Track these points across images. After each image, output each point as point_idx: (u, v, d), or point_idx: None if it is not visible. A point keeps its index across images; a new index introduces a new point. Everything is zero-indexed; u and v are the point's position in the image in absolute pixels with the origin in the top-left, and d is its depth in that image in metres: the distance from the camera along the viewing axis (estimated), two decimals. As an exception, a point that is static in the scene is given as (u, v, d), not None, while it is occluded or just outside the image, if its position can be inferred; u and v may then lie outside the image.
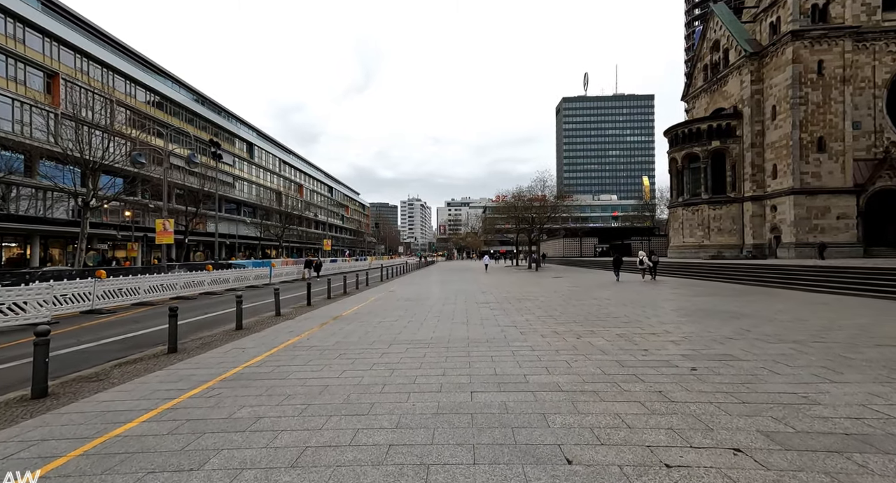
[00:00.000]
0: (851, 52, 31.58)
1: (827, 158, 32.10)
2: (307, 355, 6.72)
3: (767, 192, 35.02)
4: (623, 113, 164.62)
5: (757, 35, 35.72)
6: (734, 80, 37.50)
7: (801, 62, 31.73)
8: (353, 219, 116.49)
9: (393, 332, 8.59)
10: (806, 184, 32.26)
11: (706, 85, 41.80)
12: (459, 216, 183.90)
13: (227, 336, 8.58)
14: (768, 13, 33.86)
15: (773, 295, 14.32)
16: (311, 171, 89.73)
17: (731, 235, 37.61)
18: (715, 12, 39.89)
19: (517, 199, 44.04)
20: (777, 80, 33.46)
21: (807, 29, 31.43)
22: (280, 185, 70.69)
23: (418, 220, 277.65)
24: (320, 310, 12.60)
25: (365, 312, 11.80)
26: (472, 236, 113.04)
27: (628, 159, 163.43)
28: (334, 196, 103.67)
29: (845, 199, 32.01)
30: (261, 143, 67.24)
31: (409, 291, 18.70)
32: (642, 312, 10.74)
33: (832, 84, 31.70)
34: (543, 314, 10.83)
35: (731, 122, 37.01)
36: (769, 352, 6.12)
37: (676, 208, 41.88)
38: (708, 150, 38.13)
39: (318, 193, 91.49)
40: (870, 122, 32.38)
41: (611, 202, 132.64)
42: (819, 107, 31.94)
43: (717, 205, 38.12)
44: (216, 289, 18.72)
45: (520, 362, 5.99)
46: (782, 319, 8.93)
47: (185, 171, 45.47)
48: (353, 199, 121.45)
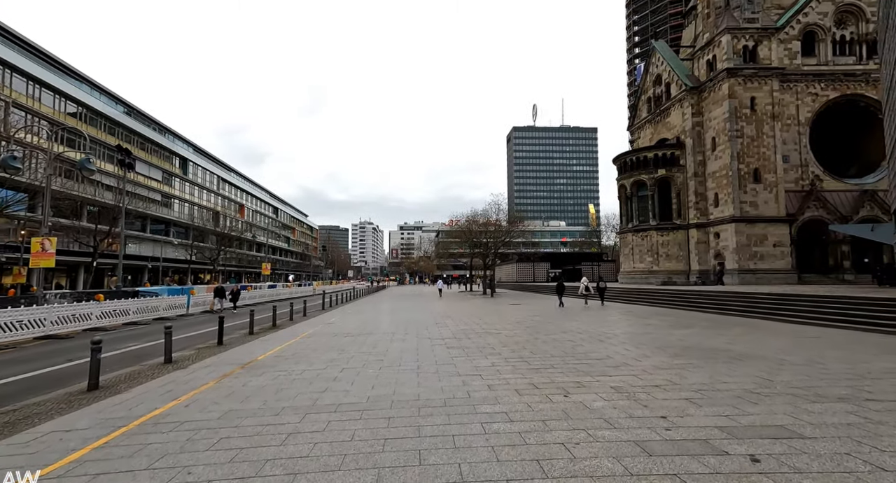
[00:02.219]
0: (779, 91, 33.83)
1: (762, 189, 33.67)
2: (163, 444, 4.31)
3: (710, 220, 36.13)
4: (569, 143, 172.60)
5: (695, 71, 37.73)
6: (676, 112, 39.19)
7: (736, 97, 33.53)
8: (299, 241, 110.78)
9: (316, 389, 6.30)
10: (745, 212, 33.52)
11: (650, 116, 43.54)
12: (412, 240, 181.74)
13: (64, 403, 5.86)
14: (705, 51, 35.87)
15: (749, 326, 13.41)
16: (254, 190, 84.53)
17: (678, 261, 38.34)
18: (656, 49, 42.05)
19: (471, 223, 42.84)
20: (715, 113, 35.14)
21: (740, 67, 33.42)
22: (219, 204, 65.40)
23: (370, 243, 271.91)
24: (232, 352, 9.93)
25: (288, 355, 9.31)
26: (424, 260, 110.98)
27: (575, 187, 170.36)
28: (280, 217, 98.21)
29: (780, 228, 33.52)
30: (198, 159, 62.17)
31: (352, 323, 16.23)
32: (624, 351, 9.15)
33: (764, 119, 33.66)
34: (511, 354, 8.94)
35: (675, 152, 38.37)
36: (827, 420, 4.53)
37: (626, 234, 42.45)
38: (654, 177, 39.17)
39: (261, 214, 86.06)
40: (797, 156, 34.52)
41: (559, 228, 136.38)
42: (753, 140, 33.69)
43: (664, 231, 38.91)
44: (109, 323, 15.19)
45: (496, 449, 3.98)
46: (794, 362, 7.60)
47: (101, 187, 40.25)
48: (300, 221, 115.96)
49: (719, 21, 34.27)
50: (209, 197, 63.97)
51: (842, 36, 34.86)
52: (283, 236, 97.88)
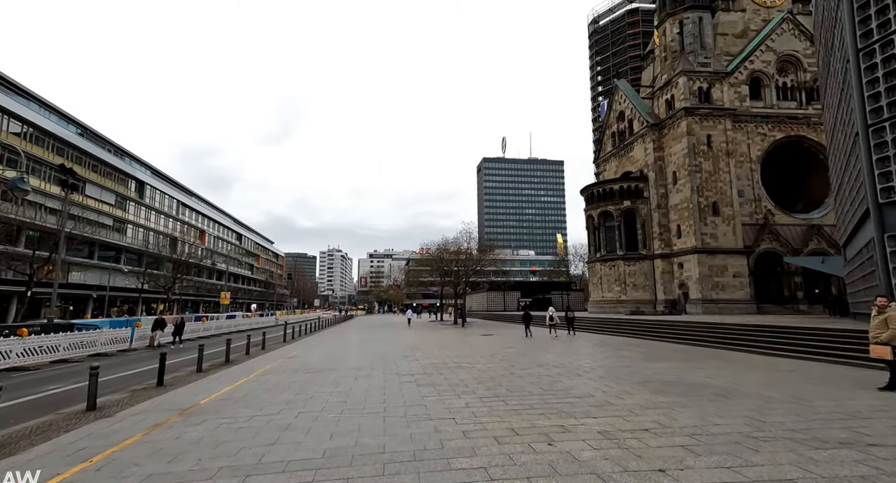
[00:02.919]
0: (731, 130, 35.99)
1: (721, 221, 35.11)
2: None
3: (674, 251, 37.17)
4: (537, 175, 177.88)
5: (655, 109, 39.80)
6: (639, 146, 40.95)
7: (693, 135, 35.38)
8: (264, 269, 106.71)
9: (263, 442, 5.40)
10: (706, 244, 34.70)
11: (615, 150, 45.33)
12: (382, 268, 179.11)
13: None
14: (664, 91, 38.01)
15: (724, 358, 13.28)
16: (217, 216, 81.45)
17: (645, 291, 39.00)
18: (620, 87, 44.33)
19: (442, 251, 42.40)
20: (675, 149, 36.88)
21: (696, 107, 35.48)
22: (177, 229, 62.29)
23: (338, 271, 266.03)
24: (171, 394, 8.75)
25: (238, 397, 8.26)
26: (394, 289, 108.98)
27: (543, 217, 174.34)
28: (244, 244, 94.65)
29: (738, 259, 34.79)
30: (157, 182, 59.46)
31: (314, 357, 15.08)
32: (605, 387, 8.65)
33: (719, 156, 35.55)
34: (487, 392, 8.26)
35: (639, 184, 39.78)
36: (839, 472, 4.10)
37: (595, 264, 43.06)
38: (620, 208, 40.28)
39: (224, 240, 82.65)
40: (751, 191, 36.38)
41: (529, 257, 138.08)
42: (711, 175, 35.39)
43: (631, 261, 39.70)
44: (32, 362, 13.37)
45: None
46: (779, 399, 7.29)
47: (44, 210, 37.45)
48: (265, 248, 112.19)
49: (676, 64, 36.55)
50: (167, 222, 60.91)
51: (784, 82, 37.82)
52: (246, 264, 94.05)
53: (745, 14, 38.56)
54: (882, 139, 12.33)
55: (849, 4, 12.92)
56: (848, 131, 14.92)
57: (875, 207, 12.72)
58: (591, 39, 68.73)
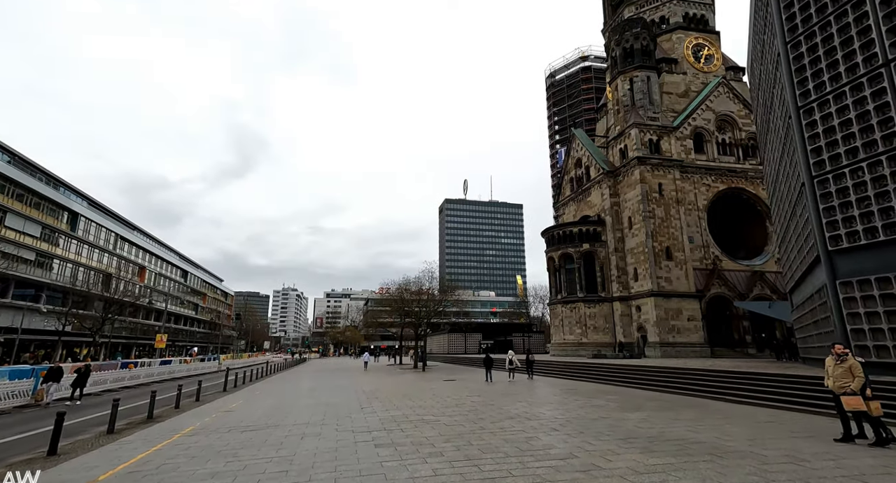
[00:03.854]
0: (680, 180, 38.30)
1: (674, 266, 36.43)
2: None
3: (632, 293, 37.93)
4: (497, 217, 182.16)
5: (611, 157, 41.96)
6: (596, 192, 42.64)
7: (646, 183, 37.29)
8: (210, 309, 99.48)
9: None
10: (661, 287, 35.68)
11: (573, 194, 46.98)
12: (339, 308, 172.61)
13: None
14: (618, 141, 40.30)
15: (698, 407, 12.85)
16: (161, 251, 76.10)
17: (605, 333, 39.16)
18: (577, 136, 46.73)
19: (404, 291, 41.08)
20: (630, 195, 38.61)
21: (648, 157, 37.68)
22: (114, 265, 57.17)
23: (292, 311, 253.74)
24: (64, 467, 7.00)
25: (148, 471, 6.68)
26: (351, 330, 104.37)
27: (503, 259, 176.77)
28: (190, 282, 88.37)
29: (692, 303, 35.88)
30: (93, 214, 54.90)
31: (257, 410, 13.28)
32: (588, 445, 7.82)
33: (670, 203, 37.49)
34: (457, 454, 7.19)
35: (597, 228, 41.00)
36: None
37: (556, 305, 43.11)
38: (580, 251, 41.10)
39: (167, 278, 76.79)
40: (700, 237, 38.29)
41: (490, 298, 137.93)
42: (664, 221, 37.08)
43: (591, 303, 40.04)
44: None
45: None
46: (776, 459, 6.73)
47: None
48: (213, 287, 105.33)
49: (628, 117, 39.08)
50: (102, 257, 55.87)
51: (723, 139, 41.21)
52: (190, 303, 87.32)
53: (686, 76, 42.39)
54: (827, 190, 13.03)
55: (787, 67, 14.06)
56: (793, 183, 15.84)
57: (825, 255, 13.20)
58: (549, 91, 73.50)
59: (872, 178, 11.87)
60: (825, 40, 12.89)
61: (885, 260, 11.75)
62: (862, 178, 12.11)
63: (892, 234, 11.55)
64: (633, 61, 39.37)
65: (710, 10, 45.37)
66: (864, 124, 12.00)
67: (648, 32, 40.33)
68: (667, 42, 43.23)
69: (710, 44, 43.87)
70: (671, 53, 42.82)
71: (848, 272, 12.65)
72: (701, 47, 43.47)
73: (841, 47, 12.47)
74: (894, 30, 11.32)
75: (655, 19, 43.71)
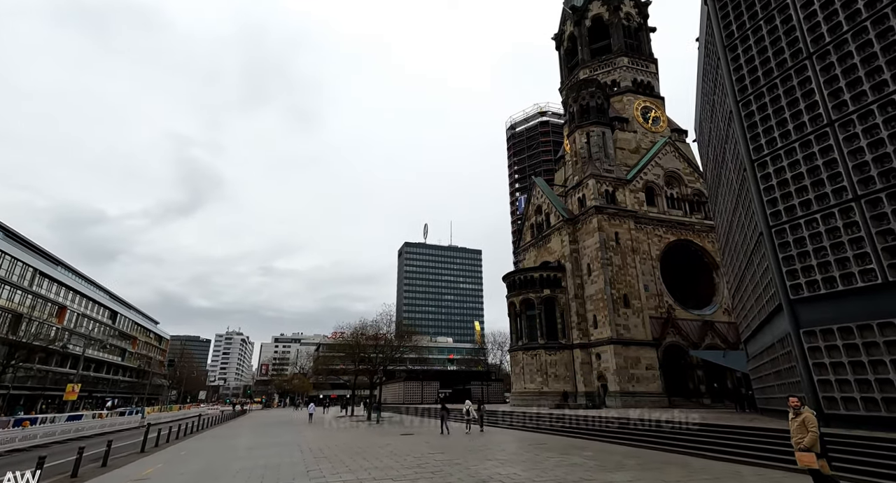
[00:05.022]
0: (635, 230, 39.84)
1: (632, 313, 36.94)
2: None
3: (592, 341, 37.80)
4: (457, 262, 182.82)
5: (570, 205, 43.30)
6: (556, 238, 43.46)
7: (604, 231, 38.45)
8: (140, 354, 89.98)
9: None
10: (621, 334, 35.82)
11: (534, 241, 47.68)
12: (288, 354, 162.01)
13: None
14: (576, 190, 41.84)
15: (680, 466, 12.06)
16: (87, 289, 69.10)
17: (566, 382, 38.35)
18: (537, 183, 48.27)
19: (359, 335, 38.82)
20: (588, 242, 39.56)
21: (605, 206, 39.16)
22: (27, 304, 50.73)
23: (235, 357, 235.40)
24: None
25: None
26: (299, 378, 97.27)
27: (462, 305, 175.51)
28: (119, 324, 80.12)
29: (649, 351, 36.13)
30: (6, 245, 49.20)
31: (177, 477, 11.05)
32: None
33: (627, 252, 38.66)
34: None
35: (558, 274, 41.34)
36: None
37: (517, 352, 42.15)
38: (541, 297, 41.00)
39: (92, 319, 69.17)
40: (654, 286, 39.40)
41: (447, 345, 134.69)
42: (621, 268, 37.98)
43: (552, 350, 39.44)
44: None
45: None
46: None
47: None
48: (146, 330, 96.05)
49: (585, 168, 40.91)
50: (14, 294, 49.48)
51: (671, 194, 43.86)
52: (117, 348, 78.55)
53: (637, 134, 45.53)
54: (784, 239, 13.46)
55: (740, 123, 14.95)
56: (749, 232, 16.43)
57: (787, 304, 13.39)
58: (509, 142, 77.13)
59: (827, 230, 12.34)
60: (773, 100, 13.87)
61: (846, 310, 11.98)
62: (817, 228, 12.58)
63: (850, 285, 11.86)
64: (590, 117, 41.92)
65: (655, 78, 49.92)
66: (815, 178, 12.66)
67: (602, 92, 43.45)
68: (618, 102, 46.66)
69: (657, 107, 47.82)
70: (622, 113, 46.12)
71: (811, 321, 12.79)
72: (648, 109, 47.23)
73: (788, 107, 13.41)
74: (835, 93, 12.30)
75: (608, 82, 47.35)
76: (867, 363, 11.53)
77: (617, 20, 49.34)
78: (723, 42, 15.72)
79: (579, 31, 51.07)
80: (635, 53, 49.30)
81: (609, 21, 49.56)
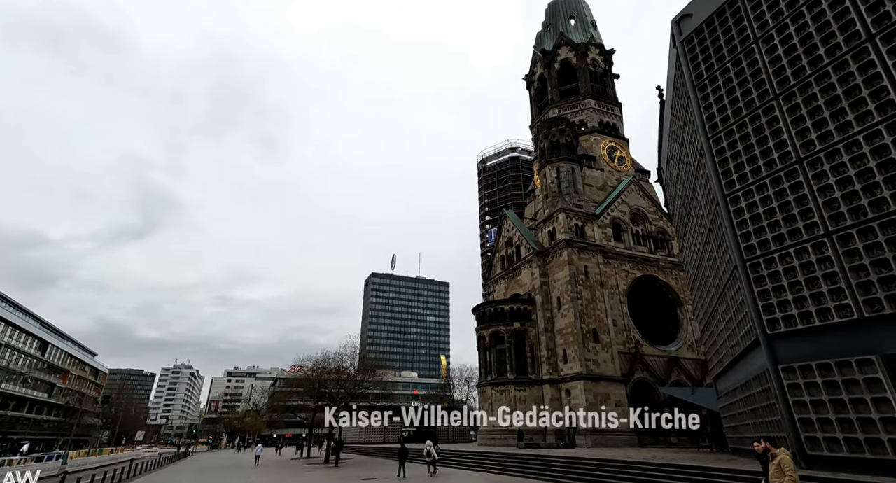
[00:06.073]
0: (603, 265, 40.27)
1: (601, 348, 36.62)
2: None
3: (561, 376, 37.04)
4: (424, 294, 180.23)
5: (540, 238, 43.51)
6: (526, 271, 43.30)
7: (574, 265, 38.62)
8: (72, 390, 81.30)
9: None
10: (590, 370, 35.28)
11: (504, 273, 47.36)
12: (241, 389, 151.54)
13: None
14: (546, 224, 42.23)
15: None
16: (14, 316, 62.58)
17: (537, 419, 36.97)
18: (508, 216, 48.58)
19: (320, 369, 36.38)
20: (558, 276, 39.55)
21: (574, 240, 39.54)
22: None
23: (182, 393, 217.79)
24: None
25: None
26: (252, 415, 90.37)
27: (427, 338, 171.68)
28: (50, 356, 72.53)
29: (618, 388, 35.65)
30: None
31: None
32: None
33: (595, 286, 38.83)
34: None
35: (528, 307, 40.84)
36: None
37: (486, 388, 40.65)
38: (511, 330, 40.20)
39: (16, 350, 62.20)
40: (622, 321, 39.49)
41: (412, 379, 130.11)
42: (590, 303, 37.96)
43: (521, 386, 38.30)
44: None
45: None
46: None
47: None
48: (81, 362, 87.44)
49: (556, 202, 41.53)
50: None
51: (637, 230, 45.04)
52: (44, 383, 70.66)
53: (604, 173, 47.07)
54: (759, 274, 13.42)
55: (711, 158, 15.25)
56: (721, 267, 16.49)
57: (765, 339, 13.19)
58: (480, 176, 78.45)
59: (801, 264, 12.37)
60: (743, 137, 14.25)
61: (824, 345, 11.83)
62: (791, 263, 12.61)
63: (827, 320, 11.78)
64: (560, 153, 43.05)
65: (620, 120, 52.44)
66: (787, 214, 12.83)
67: (572, 130, 44.99)
68: (586, 141, 48.42)
69: (622, 147, 49.93)
70: (590, 151, 47.77)
71: (789, 357, 12.58)
72: (614, 149, 49.20)
73: (758, 144, 13.77)
74: (802, 132, 12.70)
75: (576, 121, 49.22)
76: (848, 401, 11.28)
77: (584, 65, 52.05)
78: (692, 82, 16.30)
79: (549, 73, 53.44)
80: (601, 97, 51.84)
81: (577, 66, 52.20)
